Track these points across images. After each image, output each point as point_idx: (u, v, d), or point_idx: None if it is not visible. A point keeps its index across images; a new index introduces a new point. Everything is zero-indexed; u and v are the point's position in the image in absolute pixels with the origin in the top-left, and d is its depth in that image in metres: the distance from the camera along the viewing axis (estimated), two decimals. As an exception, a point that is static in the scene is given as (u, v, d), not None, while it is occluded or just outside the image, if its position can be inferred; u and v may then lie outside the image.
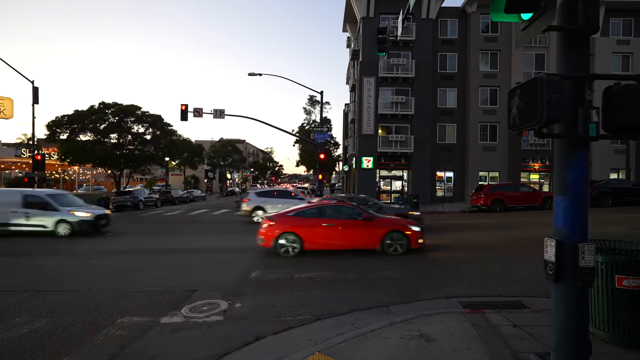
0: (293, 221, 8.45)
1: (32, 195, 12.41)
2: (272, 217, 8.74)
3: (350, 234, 8.40)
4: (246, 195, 17.55)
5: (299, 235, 8.25)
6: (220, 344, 3.95)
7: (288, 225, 8.36)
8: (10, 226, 11.90)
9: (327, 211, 8.81)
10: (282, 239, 8.26)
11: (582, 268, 2.65)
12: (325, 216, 8.61)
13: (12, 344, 3.96)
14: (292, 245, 8.24)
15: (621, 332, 3.44)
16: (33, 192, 12.88)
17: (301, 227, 8.33)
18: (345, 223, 8.47)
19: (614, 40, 25.49)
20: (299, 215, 8.63)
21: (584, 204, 2.76)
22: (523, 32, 2.94)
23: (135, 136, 28.68)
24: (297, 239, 8.23)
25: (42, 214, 11.96)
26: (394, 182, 27.09)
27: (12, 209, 11.91)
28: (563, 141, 2.82)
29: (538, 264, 5.72)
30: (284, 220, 8.48)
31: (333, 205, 9.26)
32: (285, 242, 8.25)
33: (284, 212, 8.99)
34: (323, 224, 8.39)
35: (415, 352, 3.54)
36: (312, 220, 8.49)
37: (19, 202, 12.01)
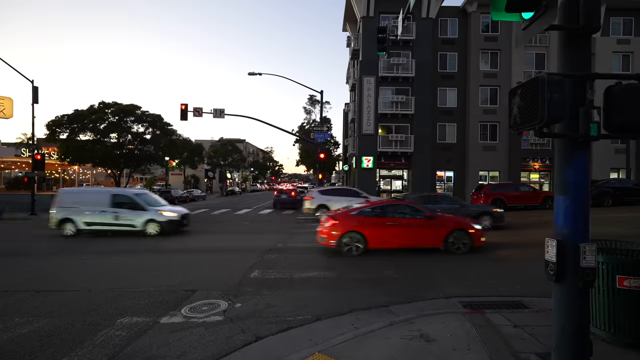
0: (356, 220, 8.44)
1: (120, 195, 12.60)
2: (335, 215, 8.70)
3: (414, 233, 8.42)
4: (309, 193, 17.42)
5: (363, 234, 8.25)
6: (220, 344, 3.94)
7: (352, 225, 8.35)
8: (99, 225, 12.04)
9: (389, 210, 8.82)
10: (346, 238, 8.26)
11: (583, 268, 2.64)
12: (388, 215, 8.62)
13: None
14: (356, 244, 8.25)
15: (622, 332, 3.43)
16: (122, 192, 13.10)
17: (365, 227, 8.33)
18: (408, 222, 8.53)
19: (614, 40, 25.47)
20: (361, 214, 8.60)
21: (585, 204, 2.75)
22: (524, 31, 2.93)
23: (135, 136, 28.66)
24: (361, 238, 8.23)
25: (130, 214, 12.08)
26: (394, 181, 27.09)
27: (101, 208, 12.06)
28: (564, 141, 2.81)
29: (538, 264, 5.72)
30: (347, 219, 8.47)
31: (395, 204, 9.30)
32: (350, 241, 8.26)
33: (346, 211, 8.97)
34: (387, 223, 8.41)
35: (416, 352, 3.53)
36: (375, 219, 8.48)
37: (108, 202, 12.14)
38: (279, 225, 14.89)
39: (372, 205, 9.01)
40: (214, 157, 59.64)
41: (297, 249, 9.28)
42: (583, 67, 2.74)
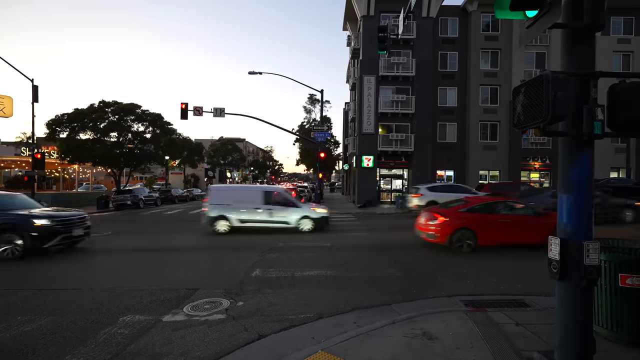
0: (467, 217, 8.50)
1: (273, 193, 12.83)
2: (444, 212, 8.72)
3: (524, 229, 8.45)
4: (418, 190, 17.40)
5: (474, 231, 8.29)
6: (223, 342, 3.95)
7: (462, 221, 8.42)
8: (254, 222, 12.16)
9: (499, 207, 8.89)
10: (457, 235, 8.31)
11: (586, 266, 2.65)
12: (497, 212, 8.69)
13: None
14: (467, 241, 8.30)
15: (624, 330, 3.44)
16: (274, 189, 13.28)
17: (475, 223, 8.37)
18: (519, 219, 8.59)
19: (614, 39, 25.46)
20: (471, 211, 8.66)
21: (588, 202, 2.75)
22: (528, 30, 2.93)
23: (135, 135, 28.62)
24: (472, 235, 8.28)
25: (284, 211, 12.20)
26: (394, 181, 27.09)
27: (254, 205, 12.17)
28: (568, 139, 2.82)
29: (539, 262, 5.74)
30: (457, 216, 8.52)
31: (504, 201, 9.36)
32: (461, 237, 8.31)
33: (454, 207, 8.99)
34: (498, 220, 8.47)
35: (419, 351, 3.53)
36: (486, 216, 8.54)
37: (261, 199, 12.27)
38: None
39: (480, 202, 9.04)
40: (214, 156, 59.64)
41: (298, 248, 9.28)
42: (587, 65, 2.74)
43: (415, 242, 10.05)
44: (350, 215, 18.45)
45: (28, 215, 8.55)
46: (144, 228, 14.54)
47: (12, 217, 8.44)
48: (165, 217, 18.87)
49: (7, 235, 8.17)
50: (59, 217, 8.84)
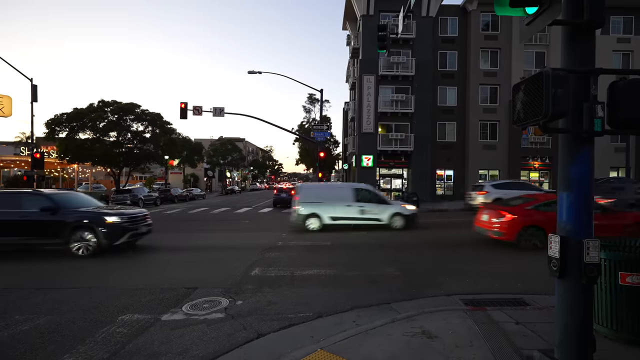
0: (534, 214, 8.42)
1: (364, 190, 12.74)
2: (511, 210, 8.67)
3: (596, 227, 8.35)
4: (483, 188, 17.35)
5: (543, 228, 8.20)
6: (222, 340, 3.93)
7: (530, 219, 8.35)
8: (345, 220, 12.12)
9: None
10: (526, 232, 8.25)
11: (586, 264, 2.63)
12: None
13: (12, 341, 3.93)
14: (536, 239, 8.23)
15: (624, 329, 3.43)
16: (364, 187, 13.17)
17: (543, 221, 8.25)
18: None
19: (614, 38, 25.48)
20: (537, 208, 8.58)
21: (588, 200, 2.74)
22: (528, 27, 2.92)
23: (134, 134, 28.59)
24: (541, 233, 8.19)
25: (376, 208, 12.16)
26: (393, 180, 27.09)
27: (346, 203, 12.16)
28: (568, 136, 2.80)
29: (538, 261, 5.72)
30: (525, 214, 8.46)
31: None
32: (529, 235, 8.24)
33: (520, 205, 8.93)
34: None
35: (418, 349, 3.52)
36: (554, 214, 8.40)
37: (352, 197, 12.25)
38: (279, 224, 14.86)
39: (545, 200, 8.91)
40: (213, 156, 59.60)
41: (297, 247, 9.27)
42: (587, 63, 2.73)
43: (414, 240, 10.04)
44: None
45: (99, 213, 8.57)
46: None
47: (84, 214, 8.42)
48: (164, 217, 18.85)
49: (80, 233, 8.17)
50: (127, 214, 8.87)
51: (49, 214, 8.21)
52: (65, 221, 8.19)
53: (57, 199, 8.65)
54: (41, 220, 8.19)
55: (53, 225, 8.18)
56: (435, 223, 14.22)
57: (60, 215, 8.25)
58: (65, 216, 8.27)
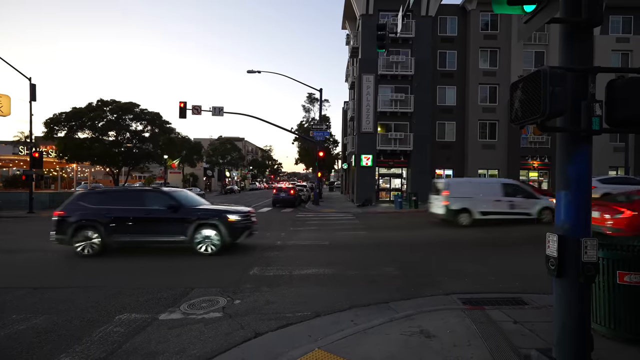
0: None
1: (512, 185, 12.78)
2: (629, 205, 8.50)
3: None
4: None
5: None
6: (219, 340, 3.92)
7: None
8: (495, 214, 12.20)
9: None
10: None
11: (584, 263, 2.62)
12: None
13: (9, 340, 3.91)
14: None
15: (622, 328, 3.43)
16: (513, 182, 13.20)
17: None
18: None
19: (613, 38, 25.48)
20: None
21: (586, 199, 2.74)
22: (526, 25, 2.91)
23: (133, 134, 28.53)
24: None
25: (525, 202, 12.22)
26: (393, 180, 27.08)
27: (495, 198, 12.27)
28: (565, 135, 2.79)
29: (537, 261, 5.71)
30: None
31: None
32: None
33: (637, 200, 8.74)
34: None
35: (416, 348, 3.51)
36: None
37: (500, 192, 12.35)
38: (278, 223, 14.86)
39: None
40: (212, 156, 59.53)
41: (296, 247, 9.26)
42: (585, 61, 2.72)
43: (413, 240, 10.04)
44: (349, 214, 18.44)
45: (221, 210, 8.59)
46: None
47: (207, 211, 8.44)
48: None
49: (204, 231, 8.17)
50: (242, 212, 8.88)
51: (173, 212, 8.21)
52: (190, 219, 8.18)
53: (177, 197, 8.70)
54: (168, 218, 8.19)
55: (179, 223, 8.17)
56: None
57: (184, 213, 8.25)
58: (189, 214, 8.26)
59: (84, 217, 8.24)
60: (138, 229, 8.24)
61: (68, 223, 8.22)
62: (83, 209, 8.38)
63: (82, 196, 8.80)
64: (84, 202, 8.54)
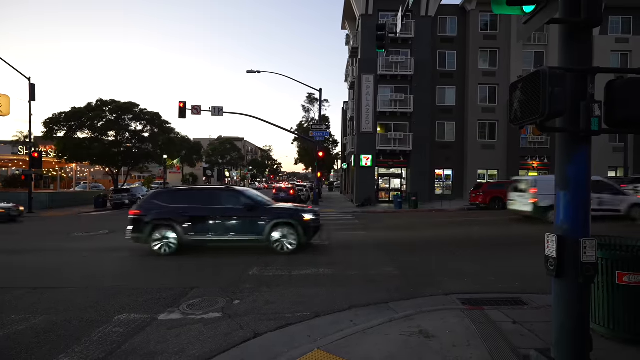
0: None
1: (599, 181, 12.52)
2: None
3: None
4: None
5: None
6: (219, 340, 3.92)
7: None
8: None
9: None
10: None
11: (583, 263, 2.62)
12: None
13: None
14: None
15: (621, 328, 3.43)
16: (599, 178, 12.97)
17: None
18: None
19: (612, 39, 25.51)
20: None
21: (585, 199, 2.74)
22: (525, 25, 2.91)
23: (133, 134, 28.54)
24: None
25: (614, 199, 12.15)
26: (392, 180, 27.09)
27: None
28: (565, 136, 2.80)
29: (536, 261, 5.70)
30: None
31: None
32: None
33: None
34: None
35: (416, 348, 3.51)
36: None
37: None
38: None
39: None
40: (212, 156, 59.57)
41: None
42: (584, 61, 2.72)
43: (413, 240, 10.05)
44: (349, 214, 18.44)
45: (297, 210, 8.61)
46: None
47: (283, 211, 8.47)
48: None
49: (281, 230, 8.18)
50: (314, 212, 8.87)
51: (248, 211, 8.23)
52: (267, 218, 8.21)
53: (251, 196, 8.73)
54: (245, 217, 8.21)
55: (256, 223, 8.19)
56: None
57: (260, 213, 8.27)
58: (266, 213, 8.28)
59: (161, 216, 8.23)
60: (215, 228, 8.25)
61: (144, 222, 8.24)
62: (159, 207, 8.38)
63: (157, 195, 8.83)
64: (159, 200, 8.54)
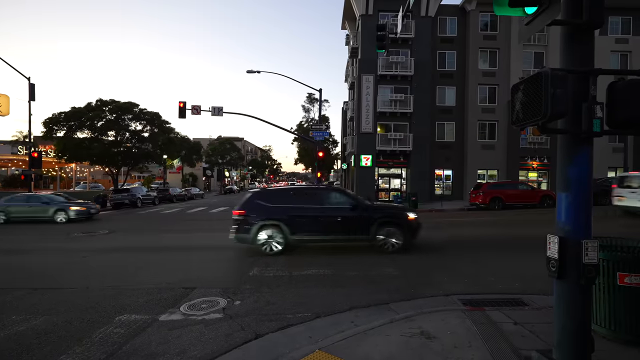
0: None
1: None
2: None
3: None
4: None
5: None
6: (220, 341, 3.92)
7: None
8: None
9: None
10: None
11: (585, 265, 2.62)
12: None
13: (8, 341, 3.90)
14: None
15: (623, 329, 3.43)
16: None
17: None
18: None
19: (612, 39, 25.53)
20: None
21: (587, 201, 2.73)
22: (527, 27, 2.90)
23: (132, 133, 28.52)
24: None
25: None
26: (392, 180, 27.10)
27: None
28: (566, 137, 2.79)
29: (537, 262, 5.70)
30: None
31: None
32: None
33: None
34: None
35: (417, 349, 3.51)
36: None
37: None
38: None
39: None
40: (212, 156, 59.52)
41: (296, 247, 9.24)
42: (586, 63, 2.72)
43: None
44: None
45: (402, 209, 8.79)
46: (142, 227, 14.48)
47: (388, 210, 8.65)
48: (163, 217, 18.81)
49: (387, 229, 8.22)
50: (414, 212, 8.92)
51: (353, 210, 8.29)
52: (373, 217, 8.24)
53: (354, 196, 8.89)
54: (351, 216, 8.26)
55: (361, 222, 8.22)
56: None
57: (366, 212, 8.33)
58: (372, 212, 8.35)
59: (267, 216, 8.25)
60: (321, 228, 8.27)
61: (250, 222, 8.26)
62: (263, 208, 8.39)
63: (260, 195, 8.83)
64: (263, 201, 8.55)
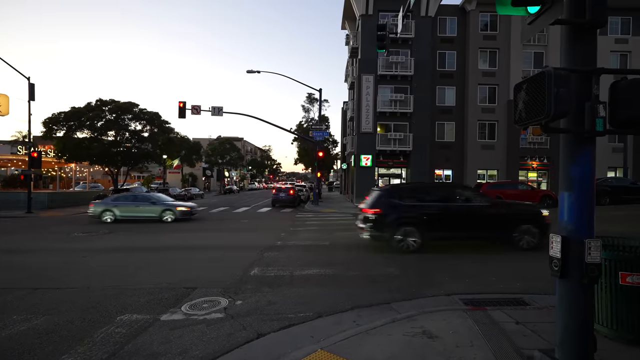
0: None
1: None
2: None
3: None
4: None
5: None
6: (222, 341, 3.91)
7: None
8: None
9: None
10: None
11: (588, 264, 2.63)
12: None
13: (10, 341, 3.90)
14: None
15: (625, 329, 3.43)
16: None
17: None
18: None
19: (612, 39, 25.55)
20: None
21: (590, 200, 2.74)
22: (529, 26, 2.91)
23: (132, 133, 28.50)
24: None
25: None
26: (392, 180, 27.09)
27: None
28: (569, 136, 2.79)
29: (536, 262, 5.71)
30: None
31: None
32: None
33: None
34: None
35: (419, 349, 3.51)
36: None
37: None
38: (278, 223, 14.87)
39: None
40: (212, 156, 59.47)
41: (296, 247, 9.25)
42: (588, 62, 2.72)
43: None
44: (349, 215, 18.43)
45: (537, 206, 9.05)
46: (141, 227, 14.46)
47: (526, 209, 8.92)
48: (163, 216, 18.75)
49: (526, 227, 8.37)
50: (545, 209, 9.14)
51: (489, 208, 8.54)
52: (509, 215, 8.52)
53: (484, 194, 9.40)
54: (487, 214, 8.48)
55: (498, 220, 8.45)
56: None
57: (501, 210, 8.66)
58: (508, 210, 8.73)
59: (403, 214, 8.32)
60: (459, 226, 8.43)
61: (387, 221, 8.30)
62: (398, 206, 8.46)
63: (392, 193, 8.90)
64: (396, 198, 8.63)
